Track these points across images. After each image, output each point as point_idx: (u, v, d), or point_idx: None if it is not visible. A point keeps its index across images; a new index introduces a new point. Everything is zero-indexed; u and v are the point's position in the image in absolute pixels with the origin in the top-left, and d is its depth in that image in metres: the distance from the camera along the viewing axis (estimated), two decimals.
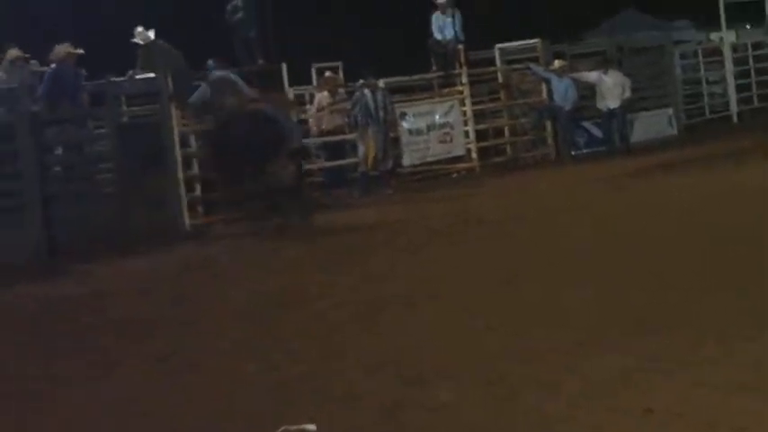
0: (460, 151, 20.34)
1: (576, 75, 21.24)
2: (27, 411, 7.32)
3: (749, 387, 6.06)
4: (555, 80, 20.84)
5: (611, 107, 21.14)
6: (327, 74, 19.74)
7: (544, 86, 21.17)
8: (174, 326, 9.64)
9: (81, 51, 16.06)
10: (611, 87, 21.11)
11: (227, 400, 6.99)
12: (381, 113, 18.36)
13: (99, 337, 9.38)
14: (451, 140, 20.21)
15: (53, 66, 15.96)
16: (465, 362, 7.30)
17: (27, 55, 16.32)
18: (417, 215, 14.92)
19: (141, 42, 17.18)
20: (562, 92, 20.76)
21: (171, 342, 8.96)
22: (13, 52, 15.99)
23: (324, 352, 8.02)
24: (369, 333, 8.46)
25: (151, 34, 17.27)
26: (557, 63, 21.03)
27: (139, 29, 17.28)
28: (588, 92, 21.52)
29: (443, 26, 20.35)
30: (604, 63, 21.60)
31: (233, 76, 15.75)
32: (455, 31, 20.12)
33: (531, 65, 21.24)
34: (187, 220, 15.74)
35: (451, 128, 20.18)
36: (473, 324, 8.29)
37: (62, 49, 15.92)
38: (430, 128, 19.86)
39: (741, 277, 8.79)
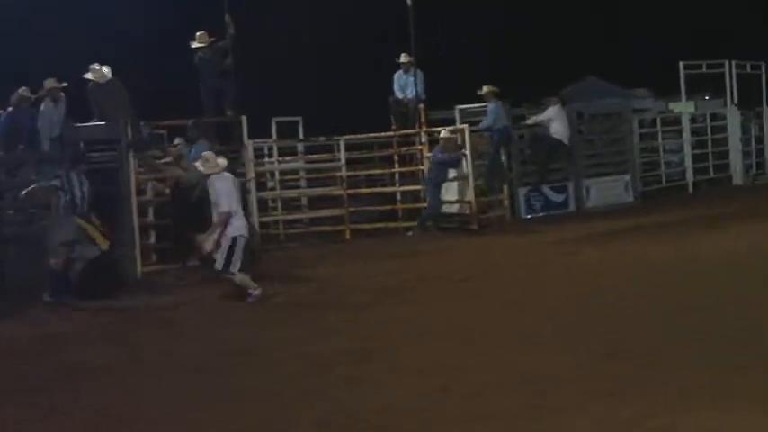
0: None
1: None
2: None
3: None
4: (489, 107, 20.54)
5: None
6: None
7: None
8: (121, 374, 9.51)
9: (33, 96, 15.89)
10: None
11: None
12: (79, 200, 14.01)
13: (44, 381, 9.28)
14: None
15: (9, 109, 15.85)
16: (417, 423, 7.23)
17: None
18: (372, 273, 14.85)
19: (94, 80, 16.16)
20: (493, 113, 20.43)
21: (116, 390, 8.85)
22: None
23: (274, 405, 7.92)
24: (320, 388, 8.36)
25: (107, 71, 16.20)
26: (485, 88, 20.74)
27: (96, 66, 16.20)
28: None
29: (405, 85, 20.37)
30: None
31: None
32: (417, 90, 20.14)
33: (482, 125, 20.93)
34: (140, 268, 15.61)
35: None
36: (426, 384, 8.23)
37: (17, 93, 15.81)
38: None
39: (693, 347, 8.82)
